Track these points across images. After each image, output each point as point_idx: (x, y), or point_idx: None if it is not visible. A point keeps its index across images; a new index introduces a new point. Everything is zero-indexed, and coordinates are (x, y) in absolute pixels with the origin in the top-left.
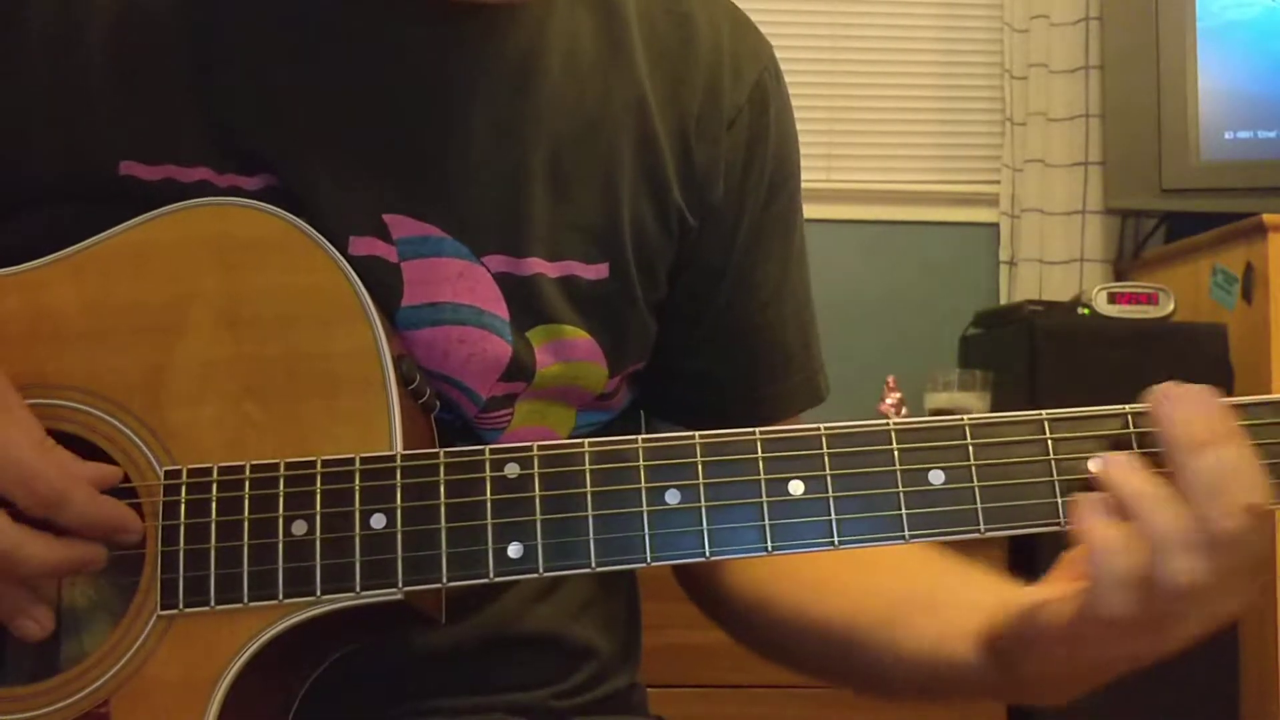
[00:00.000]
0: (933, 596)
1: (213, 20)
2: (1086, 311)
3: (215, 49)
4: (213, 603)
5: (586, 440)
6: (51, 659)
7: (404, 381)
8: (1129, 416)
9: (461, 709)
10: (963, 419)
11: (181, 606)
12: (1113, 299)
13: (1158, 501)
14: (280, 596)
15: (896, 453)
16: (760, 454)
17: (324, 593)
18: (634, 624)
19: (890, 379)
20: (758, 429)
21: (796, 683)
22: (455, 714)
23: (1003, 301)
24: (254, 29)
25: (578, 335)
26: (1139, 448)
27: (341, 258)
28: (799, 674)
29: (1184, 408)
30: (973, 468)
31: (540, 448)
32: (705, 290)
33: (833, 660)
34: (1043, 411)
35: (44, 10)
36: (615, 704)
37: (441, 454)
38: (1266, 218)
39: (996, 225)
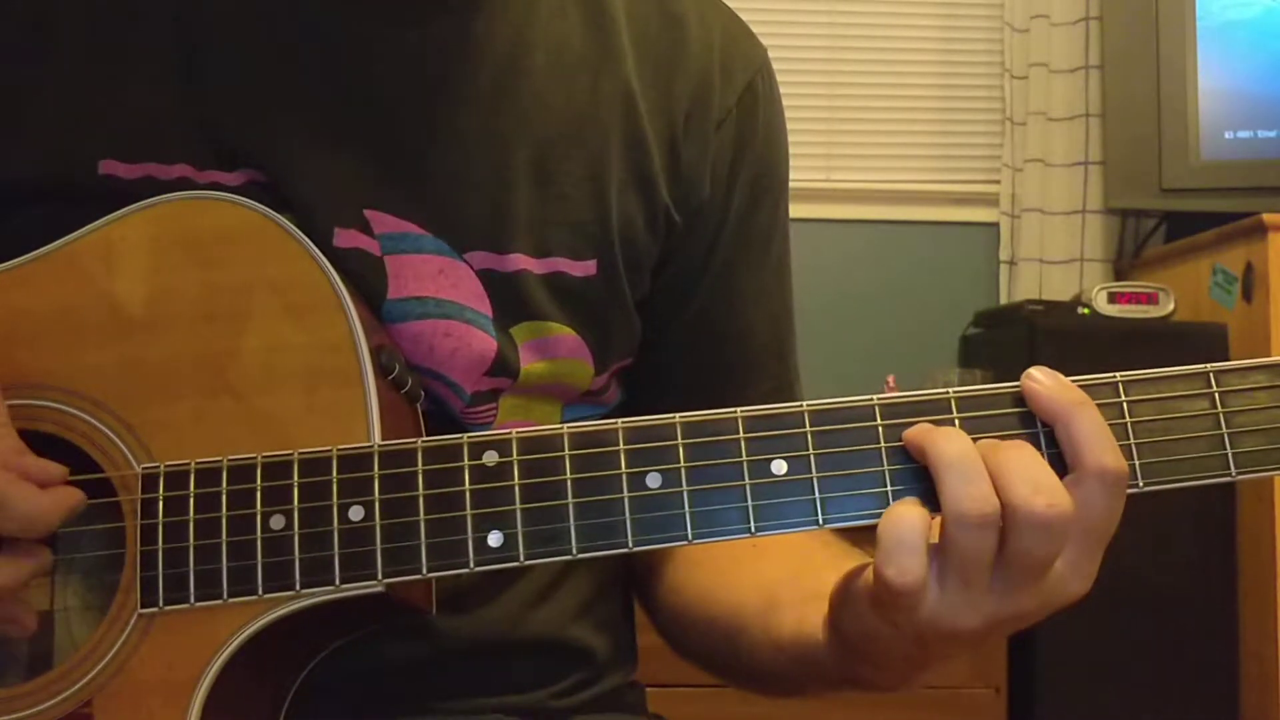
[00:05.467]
0: (799, 581)
1: (195, 19)
2: (1086, 311)
3: (198, 47)
4: (192, 600)
5: (566, 425)
6: (46, 659)
7: (383, 372)
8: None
9: (460, 710)
10: (948, 392)
11: (161, 605)
12: (1113, 299)
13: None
14: (260, 592)
15: (881, 429)
16: (742, 433)
17: (303, 587)
18: (629, 624)
19: (890, 379)
20: (739, 408)
21: None
22: (453, 714)
23: (1003, 301)
24: (238, 27)
25: (563, 332)
26: None
27: (316, 249)
28: (706, 671)
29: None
30: None
31: (519, 434)
32: (682, 290)
33: (723, 653)
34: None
35: (23, 8)
36: (613, 702)
37: (419, 443)
38: (1266, 217)
39: (996, 225)
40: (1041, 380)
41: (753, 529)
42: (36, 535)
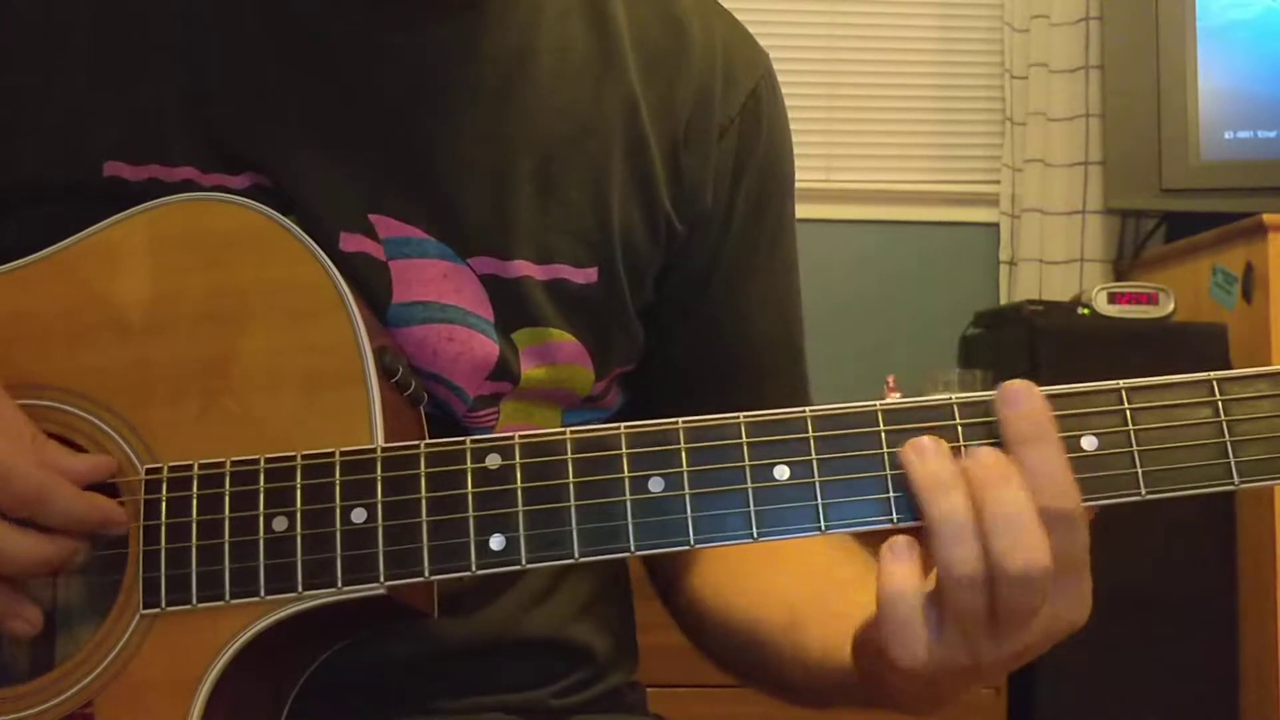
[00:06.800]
0: (825, 600)
1: (201, 21)
2: (1086, 311)
3: (204, 50)
4: (194, 601)
5: (569, 429)
6: (46, 659)
7: (386, 374)
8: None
9: (460, 709)
10: (950, 398)
11: (164, 605)
12: (1113, 299)
13: (936, 492)
14: (262, 593)
15: (884, 434)
16: (744, 438)
17: (306, 589)
18: (629, 624)
19: (890, 379)
20: (741, 413)
21: None
22: (453, 714)
23: (1003, 301)
24: (243, 30)
25: (563, 338)
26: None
27: (320, 251)
28: (732, 678)
29: (1028, 401)
30: (962, 449)
31: (522, 438)
32: (688, 297)
33: (745, 663)
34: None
35: (28, 10)
36: (614, 702)
37: (422, 446)
38: (1266, 218)
39: (996, 225)
40: (1009, 407)
41: (755, 534)
42: (76, 531)
